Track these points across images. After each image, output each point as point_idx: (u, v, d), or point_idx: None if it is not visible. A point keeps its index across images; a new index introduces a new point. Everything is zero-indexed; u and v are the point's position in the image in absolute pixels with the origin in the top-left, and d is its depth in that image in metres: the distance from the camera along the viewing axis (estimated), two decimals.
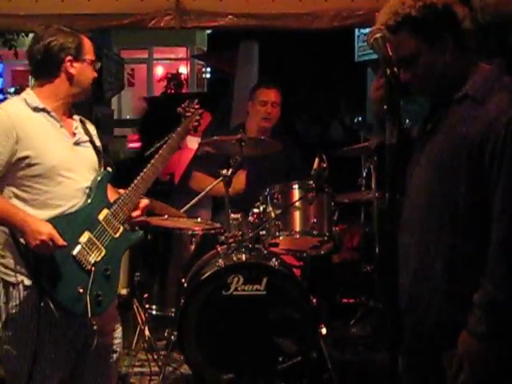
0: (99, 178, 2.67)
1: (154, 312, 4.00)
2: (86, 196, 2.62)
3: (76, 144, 2.66)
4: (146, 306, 4.00)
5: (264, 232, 3.85)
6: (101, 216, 2.62)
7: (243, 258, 3.69)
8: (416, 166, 2.17)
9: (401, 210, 2.18)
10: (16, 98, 2.64)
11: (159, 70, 21.56)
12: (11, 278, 2.53)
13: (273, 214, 3.86)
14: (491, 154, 1.94)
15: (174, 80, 20.03)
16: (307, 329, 3.61)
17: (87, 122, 2.81)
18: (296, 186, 3.90)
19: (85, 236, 2.54)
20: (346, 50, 12.47)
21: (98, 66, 2.73)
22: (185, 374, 3.96)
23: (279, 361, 3.58)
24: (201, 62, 20.30)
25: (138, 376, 4.02)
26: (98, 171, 2.71)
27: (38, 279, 2.44)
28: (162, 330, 4.08)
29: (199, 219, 4.27)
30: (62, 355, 2.58)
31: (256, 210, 3.91)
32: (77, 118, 2.73)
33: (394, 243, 1.97)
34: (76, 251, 2.50)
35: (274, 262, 3.65)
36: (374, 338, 4.62)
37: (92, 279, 2.51)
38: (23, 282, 2.52)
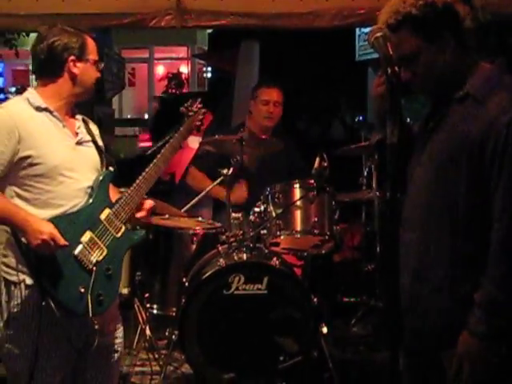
0: (101, 177, 2.67)
1: (155, 311, 4.01)
2: (88, 196, 2.62)
3: (78, 144, 2.66)
4: (147, 306, 4.00)
5: (265, 231, 3.86)
6: (102, 216, 2.61)
7: (244, 257, 3.70)
8: (417, 166, 2.17)
9: (402, 209, 2.18)
10: (19, 98, 2.64)
11: (160, 70, 21.56)
12: (13, 277, 2.53)
13: (274, 214, 3.86)
14: (492, 153, 1.94)
15: (174, 79, 20.04)
16: (308, 328, 3.62)
17: (90, 121, 2.81)
18: (297, 186, 3.90)
19: (86, 236, 2.53)
20: (347, 50, 12.45)
21: (102, 66, 2.72)
22: (186, 374, 3.96)
23: (280, 360, 3.58)
24: (202, 62, 20.32)
25: (139, 375, 4.02)
26: (100, 171, 2.71)
27: (40, 279, 2.43)
28: (163, 329, 4.08)
29: (200, 219, 4.27)
30: (62, 355, 2.58)
31: (257, 209, 3.92)
32: (79, 118, 2.73)
33: (394, 243, 1.97)
34: (77, 251, 2.49)
35: (275, 262, 3.65)
36: (374, 338, 4.61)
37: (93, 279, 2.51)
38: (25, 281, 2.51)
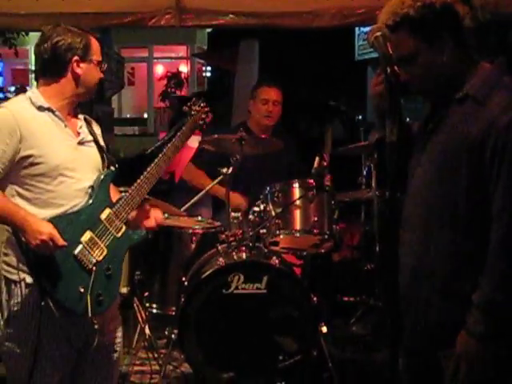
0: (102, 177, 2.66)
1: (154, 310, 4.01)
2: (89, 195, 2.61)
3: (80, 144, 2.65)
4: (147, 305, 4.00)
5: (264, 230, 3.85)
6: (103, 215, 2.61)
7: (244, 256, 3.70)
8: (417, 166, 2.17)
9: (401, 209, 2.18)
10: (21, 97, 2.63)
11: (159, 69, 21.55)
12: (13, 275, 2.53)
13: (273, 213, 3.86)
14: (492, 153, 1.94)
15: (174, 79, 20.03)
16: (307, 327, 3.62)
17: (93, 121, 2.81)
18: (296, 185, 3.89)
19: (86, 235, 2.53)
20: (347, 49, 12.45)
21: (105, 67, 2.72)
22: (185, 373, 3.96)
23: (279, 359, 3.58)
24: (201, 61, 20.32)
25: (138, 374, 4.03)
26: (102, 171, 2.71)
27: (39, 278, 2.43)
28: (163, 328, 4.08)
29: (200, 218, 4.27)
30: (62, 354, 2.58)
31: (256, 208, 3.91)
32: (81, 118, 2.72)
33: (394, 242, 1.97)
34: (77, 251, 2.49)
35: (275, 261, 3.65)
36: (374, 337, 4.61)
37: (93, 279, 2.51)
38: (25, 280, 2.51)
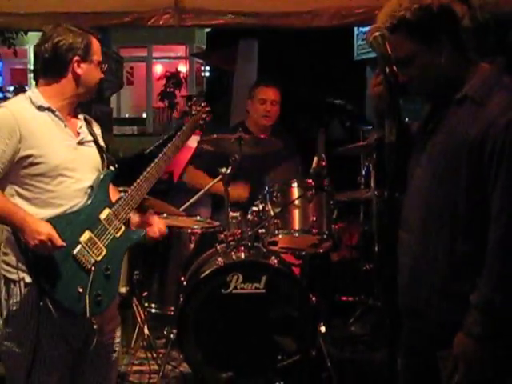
0: (101, 177, 2.66)
1: (153, 310, 4.01)
2: (88, 195, 2.61)
3: (80, 144, 2.65)
4: (146, 305, 4.00)
5: (263, 230, 3.85)
6: (102, 215, 2.60)
7: (242, 256, 3.70)
8: (416, 167, 2.16)
9: (400, 209, 2.18)
10: (21, 97, 2.62)
11: (158, 69, 21.57)
12: (13, 275, 2.53)
13: (272, 213, 3.85)
14: (490, 153, 1.94)
15: (173, 78, 20.05)
16: (306, 327, 3.62)
17: (93, 121, 2.80)
18: (295, 185, 3.89)
19: (85, 235, 2.53)
20: (346, 49, 12.45)
21: (105, 67, 2.72)
22: (184, 373, 3.96)
23: (278, 359, 3.58)
24: (200, 61, 20.31)
25: (137, 374, 4.03)
26: (101, 171, 2.70)
27: (38, 278, 2.43)
28: (161, 328, 4.08)
29: (198, 217, 4.27)
30: (60, 354, 2.57)
31: (255, 208, 3.91)
32: (81, 118, 2.72)
33: (392, 242, 1.97)
34: (76, 251, 2.49)
35: (274, 261, 3.65)
36: (373, 337, 4.61)
37: (92, 279, 2.50)
38: (24, 280, 2.51)
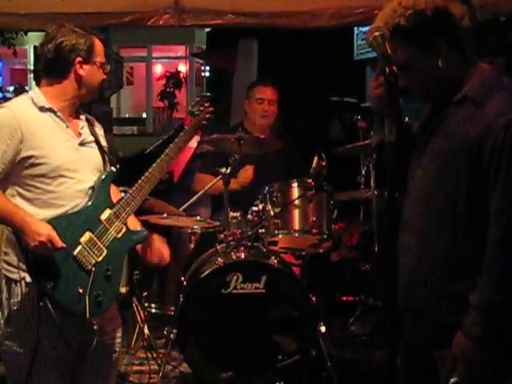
0: (102, 177, 2.66)
1: (153, 310, 4.01)
2: (89, 196, 2.61)
3: (81, 144, 2.64)
4: (146, 305, 4.00)
5: (263, 230, 3.85)
6: (103, 216, 2.60)
7: (242, 256, 3.69)
8: (417, 168, 2.16)
9: (400, 209, 2.18)
10: (23, 97, 2.62)
11: (158, 69, 21.57)
12: (14, 274, 2.53)
13: (272, 213, 3.86)
14: (490, 154, 1.94)
15: (172, 78, 20.06)
16: (306, 327, 3.62)
17: (95, 121, 2.80)
18: (295, 185, 3.89)
19: (86, 236, 2.52)
20: (345, 49, 12.45)
21: (108, 68, 2.71)
22: (184, 373, 3.96)
23: (278, 359, 3.58)
24: (200, 61, 20.33)
25: (137, 374, 4.03)
26: (103, 171, 2.70)
27: (38, 279, 2.43)
28: (161, 328, 4.07)
29: (198, 217, 4.27)
30: (60, 354, 2.57)
31: (255, 208, 3.91)
32: (83, 118, 2.72)
33: (392, 242, 1.97)
34: (76, 251, 2.49)
35: (273, 261, 3.65)
36: (373, 336, 4.61)
37: (92, 279, 2.50)
38: (25, 279, 2.51)
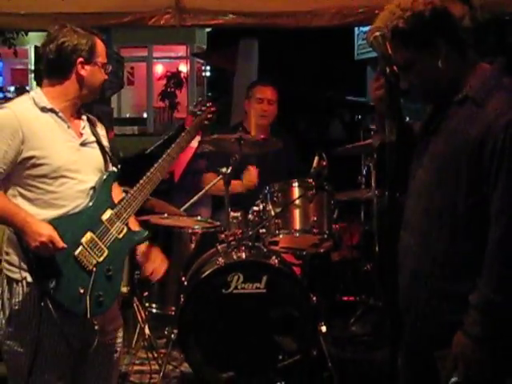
0: (104, 177, 2.66)
1: (154, 310, 4.00)
2: (90, 196, 2.61)
3: (82, 145, 2.64)
4: (146, 305, 4.00)
5: (264, 230, 3.85)
6: (104, 216, 2.60)
7: (243, 256, 3.70)
8: (418, 167, 2.16)
9: (400, 209, 2.18)
10: (24, 97, 2.62)
11: (159, 69, 21.57)
12: (15, 274, 2.53)
13: (272, 212, 3.86)
14: (490, 154, 1.94)
15: (173, 78, 20.06)
16: (307, 327, 3.62)
17: (97, 121, 2.79)
18: (296, 184, 3.90)
19: (87, 236, 2.52)
20: (346, 48, 12.47)
21: (109, 69, 2.70)
22: (185, 373, 3.96)
23: (279, 359, 3.58)
24: (200, 60, 20.33)
25: (137, 374, 4.02)
26: (104, 172, 2.70)
27: (39, 279, 2.43)
28: (162, 328, 4.08)
29: (199, 217, 4.27)
30: (61, 353, 2.57)
31: (256, 208, 3.91)
32: (84, 118, 2.71)
33: (393, 242, 1.97)
34: (77, 252, 2.49)
35: (274, 260, 3.65)
36: (373, 336, 4.61)
37: (93, 280, 2.50)
38: (26, 279, 2.51)
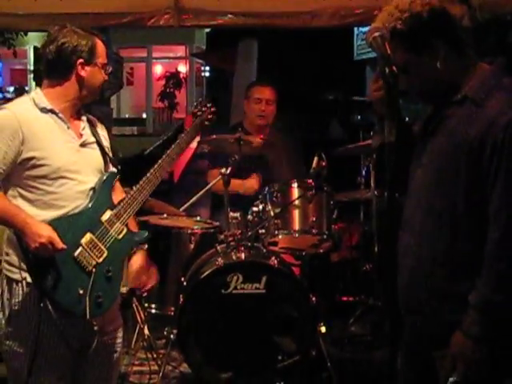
0: (104, 178, 2.65)
1: (153, 311, 4.01)
2: (90, 197, 2.61)
3: (82, 145, 2.64)
4: (146, 305, 4.00)
5: (263, 231, 3.86)
6: (104, 217, 2.60)
7: (242, 256, 3.70)
8: (417, 168, 2.16)
9: (400, 209, 2.18)
10: (24, 98, 2.62)
11: (158, 69, 21.55)
12: (15, 274, 2.53)
13: (272, 213, 3.86)
14: (490, 154, 1.94)
15: (172, 79, 20.03)
16: (306, 327, 3.62)
17: (97, 122, 2.79)
18: (295, 185, 3.90)
19: (86, 237, 2.52)
20: (345, 49, 12.46)
21: (109, 69, 2.70)
22: (184, 373, 3.96)
23: (278, 359, 3.59)
24: (200, 61, 20.32)
25: (137, 375, 4.02)
26: (104, 172, 2.70)
27: (38, 280, 2.43)
28: (162, 328, 4.08)
29: (198, 218, 4.27)
30: (60, 354, 2.57)
31: (255, 208, 3.91)
32: (84, 119, 2.71)
33: (392, 242, 1.97)
34: (77, 253, 2.48)
35: (274, 261, 3.66)
36: (373, 337, 4.61)
37: (92, 280, 2.50)
38: (26, 279, 2.51)
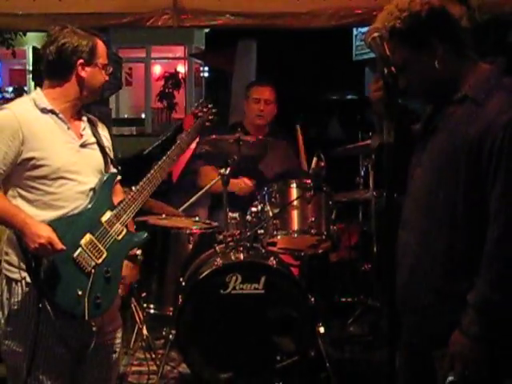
0: (104, 179, 2.65)
1: (151, 311, 4.01)
2: (90, 198, 2.61)
3: (82, 146, 2.63)
4: (144, 305, 4.00)
5: (262, 231, 3.85)
6: (103, 218, 2.60)
7: (241, 257, 3.70)
8: (417, 167, 2.17)
9: (399, 209, 2.18)
10: (25, 98, 2.62)
11: (157, 69, 21.54)
12: (14, 274, 2.53)
13: (271, 213, 3.86)
14: (489, 153, 1.94)
15: (171, 79, 20.03)
16: (305, 328, 3.62)
17: (98, 122, 2.79)
18: (294, 185, 3.90)
19: (86, 238, 2.52)
20: (344, 49, 12.48)
21: (110, 70, 2.69)
22: (183, 373, 3.96)
23: (277, 359, 3.59)
24: (199, 61, 20.32)
25: (135, 375, 4.02)
26: (104, 173, 2.70)
27: (37, 280, 2.43)
28: (160, 328, 4.08)
29: (197, 218, 4.27)
30: (59, 354, 2.57)
31: (254, 208, 3.91)
32: (85, 119, 2.71)
33: (391, 242, 1.97)
34: (76, 253, 2.48)
35: (272, 261, 3.66)
36: (372, 337, 4.61)
37: (91, 281, 2.50)
38: (25, 279, 2.51)
